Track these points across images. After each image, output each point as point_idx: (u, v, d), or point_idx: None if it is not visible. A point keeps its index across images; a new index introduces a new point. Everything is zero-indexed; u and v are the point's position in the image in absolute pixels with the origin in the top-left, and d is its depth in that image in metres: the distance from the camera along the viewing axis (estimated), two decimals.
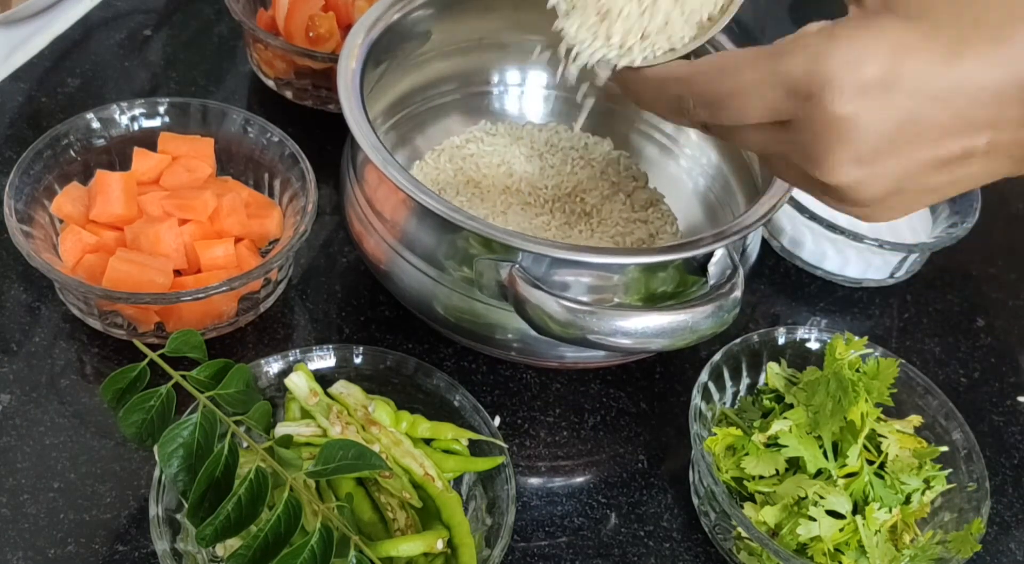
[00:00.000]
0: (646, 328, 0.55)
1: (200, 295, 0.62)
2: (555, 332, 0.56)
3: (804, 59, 0.41)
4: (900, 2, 0.42)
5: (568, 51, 0.51)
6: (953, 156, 0.42)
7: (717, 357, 0.63)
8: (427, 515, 0.56)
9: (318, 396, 0.58)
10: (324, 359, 0.61)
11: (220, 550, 0.54)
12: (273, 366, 0.60)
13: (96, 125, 0.71)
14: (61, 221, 0.69)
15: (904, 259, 0.77)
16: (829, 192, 0.44)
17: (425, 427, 0.59)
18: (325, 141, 0.78)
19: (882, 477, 0.60)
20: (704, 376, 0.62)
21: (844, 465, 0.59)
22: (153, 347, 0.56)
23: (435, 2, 0.71)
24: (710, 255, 0.59)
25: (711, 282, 0.59)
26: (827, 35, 0.41)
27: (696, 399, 0.61)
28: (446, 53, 0.77)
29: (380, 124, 0.75)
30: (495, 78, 0.81)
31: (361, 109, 0.61)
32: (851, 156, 0.41)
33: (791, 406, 0.61)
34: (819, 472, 0.59)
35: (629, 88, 0.49)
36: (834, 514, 0.58)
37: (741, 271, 0.59)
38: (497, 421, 0.66)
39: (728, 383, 0.64)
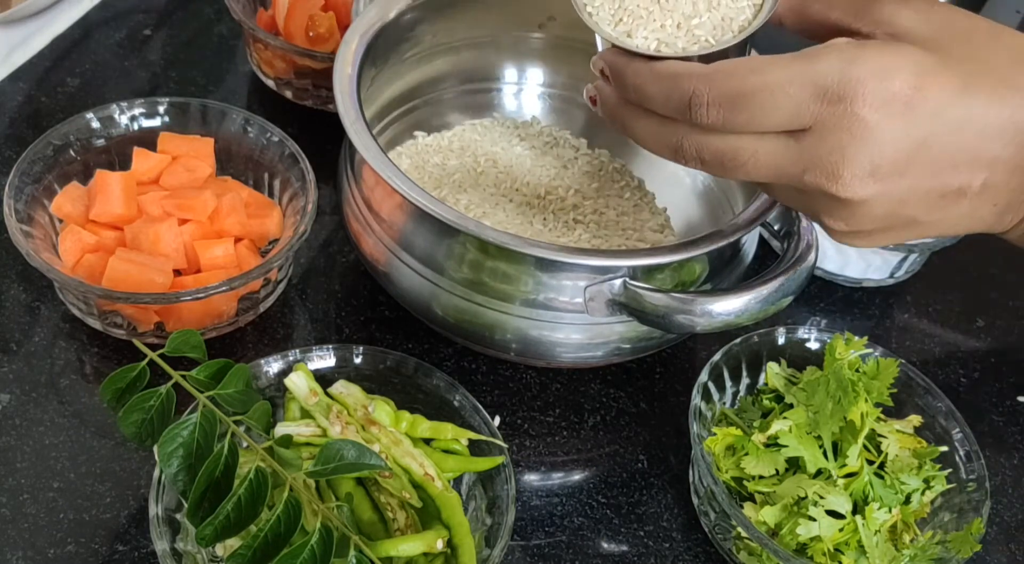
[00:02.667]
0: (737, 306, 0.56)
1: (200, 295, 0.62)
2: (674, 327, 0.57)
3: (838, 61, 0.41)
4: (915, 35, 0.43)
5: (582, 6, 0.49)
6: (951, 190, 0.43)
7: (717, 357, 0.63)
8: (427, 515, 0.56)
9: (318, 396, 0.58)
10: (324, 359, 0.61)
11: (220, 550, 0.54)
12: (273, 366, 0.60)
13: (96, 125, 0.71)
14: (61, 221, 0.69)
15: (904, 259, 0.77)
16: (836, 213, 0.44)
17: (425, 427, 0.59)
18: (325, 141, 0.78)
19: (882, 477, 0.60)
20: (704, 376, 0.62)
21: (844, 465, 0.59)
22: (153, 347, 0.56)
23: (432, 1, 0.71)
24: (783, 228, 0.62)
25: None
26: (858, 45, 0.42)
27: (696, 399, 0.61)
28: (443, 52, 0.77)
29: (378, 121, 0.75)
30: (493, 76, 0.81)
31: (358, 110, 0.61)
32: (870, 167, 0.41)
33: (791, 406, 0.61)
34: (819, 472, 0.59)
35: (629, 77, 0.46)
36: (834, 514, 0.58)
37: (807, 235, 0.60)
38: (497, 421, 0.66)
39: (728, 383, 0.64)
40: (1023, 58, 0.44)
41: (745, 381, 0.65)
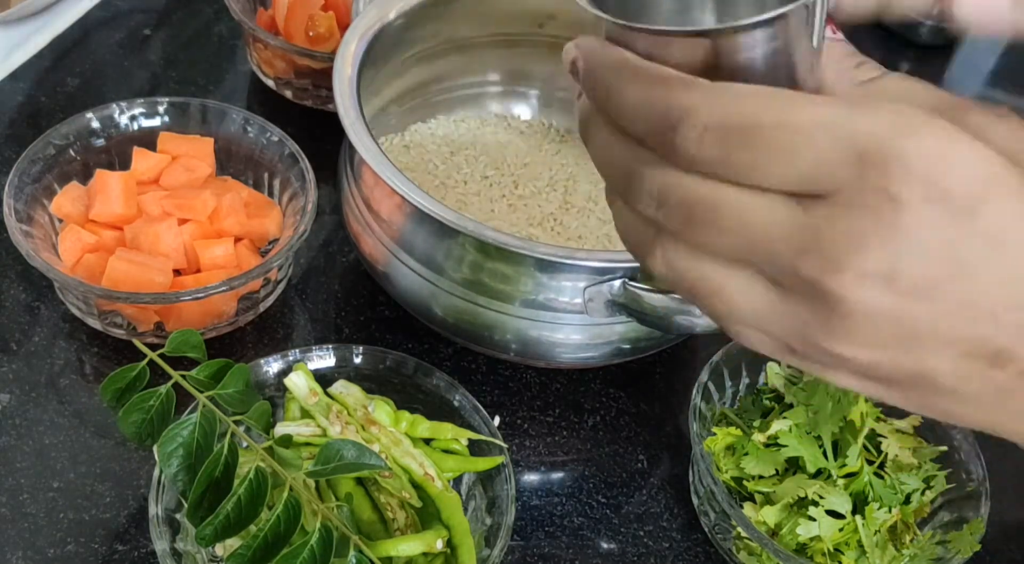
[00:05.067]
0: None
1: (200, 295, 0.62)
2: (673, 327, 0.57)
3: (895, 124, 0.30)
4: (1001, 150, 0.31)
5: None
6: (984, 350, 0.32)
7: (717, 357, 0.63)
8: (427, 515, 0.56)
9: (318, 396, 0.58)
10: (324, 359, 0.61)
11: (220, 550, 0.54)
12: (273, 366, 0.60)
13: (96, 125, 0.71)
14: (61, 221, 0.69)
15: None
16: (824, 328, 0.32)
17: (425, 427, 0.59)
18: (325, 141, 0.78)
19: (882, 477, 0.60)
20: (704, 376, 0.62)
21: (844, 465, 0.59)
22: (153, 347, 0.56)
23: (432, 1, 0.71)
24: None
25: None
26: (931, 119, 0.31)
27: (696, 399, 0.61)
28: (443, 51, 0.77)
29: (377, 121, 0.75)
30: (494, 76, 0.81)
31: (357, 110, 0.61)
32: (888, 269, 0.30)
33: (791, 406, 0.61)
34: (819, 472, 0.59)
35: (602, 72, 0.34)
36: (834, 514, 0.58)
37: None
38: (497, 421, 0.66)
39: (728, 383, 0.64)
40: None
41: (745, 381, 0.65)
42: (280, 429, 0.57)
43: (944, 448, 0.61)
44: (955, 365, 0.32)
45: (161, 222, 0.66)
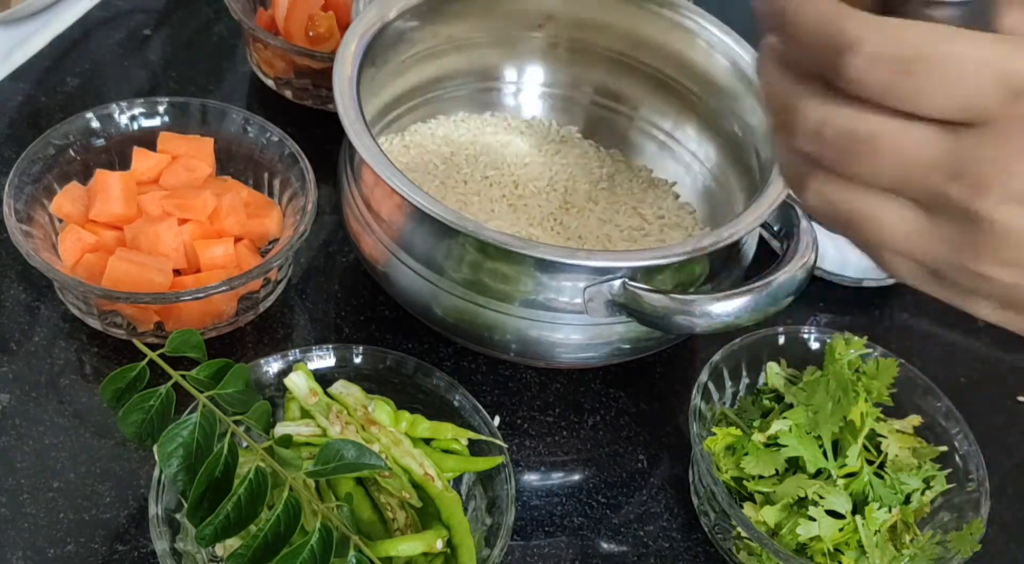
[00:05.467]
0: (736, 307, 0.57)
1: (200, 295, 0.62)
2: (673, 327, 0.57)
3: None
4: None
5: None
6: None
7: (717, 357, 0.63)
8: (427, 515, 0.56)
9: (318, 396, 0.58)
10: (324, 359, 0.61)
11: (220, 550, 0.54)
12: (273, 366, 0.60)
13: (96, 125, 0.71)
14: (61, 221, 0.69)
15: None
16: (974, 248, 0.34)
17: (425, 427, 0.59)
18: (325, 141, 0.78)
19: (882, 477, 0.60)
20: (704, 376, 0.62)
21: (844, 465, 0.59)
22: (153, 347, 0.56)
23: (432, 1, 0.71)
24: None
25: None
26: None
27: (696, 399, 0.61)
28: (443, 51, 0.77)
29: (378, 121, 0.75)
30: (493, 76, 0.81)
31: (357, 110, 0.61)
32: None
33: (791, 406, 0.61)
34: (819, 472, 0.59)
35: (793, 4, 0.35)
36: (834, 514, 0.58)
37: (807, 235, 0.60)
38: (497, 421, 0.66)
39: (728, 383, 0.64)
40: None
41: (745, 381, 0.65)
42: (280, 429, 0.57)
43: (944, 448, 0.61)
44: None
45: (161, 222, 0.66)
